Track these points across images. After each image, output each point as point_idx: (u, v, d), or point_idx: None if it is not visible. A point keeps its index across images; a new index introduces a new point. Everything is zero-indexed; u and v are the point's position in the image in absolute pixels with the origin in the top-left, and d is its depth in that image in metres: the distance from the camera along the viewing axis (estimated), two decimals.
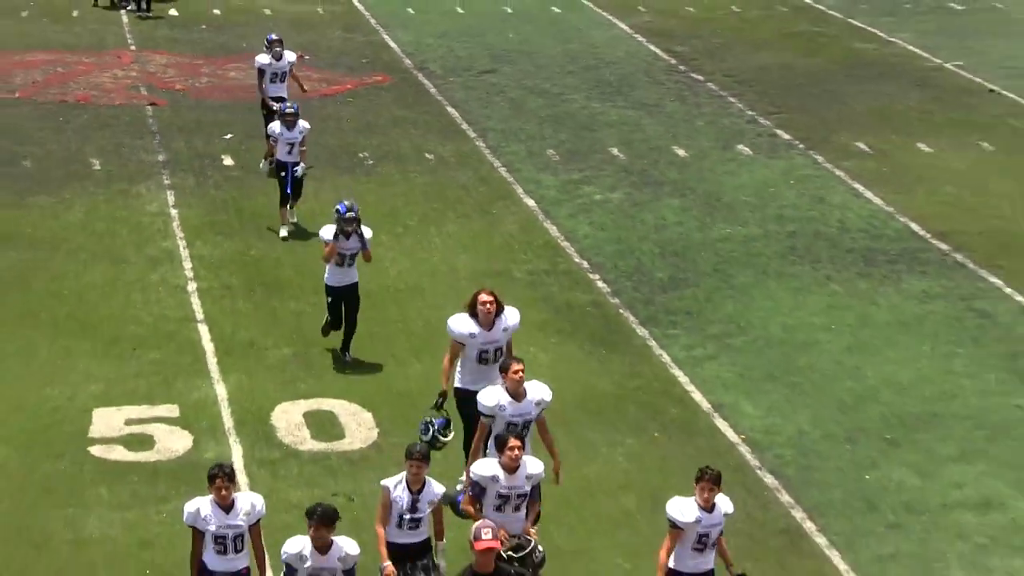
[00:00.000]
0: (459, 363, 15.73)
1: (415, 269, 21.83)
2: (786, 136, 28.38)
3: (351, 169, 25.84)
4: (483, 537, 11.64)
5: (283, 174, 22.59)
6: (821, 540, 15.67)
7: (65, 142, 27.41)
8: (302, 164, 22.91)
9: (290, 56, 25.59)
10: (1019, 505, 16.42)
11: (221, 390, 18.55)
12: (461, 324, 15.50)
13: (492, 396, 14.41)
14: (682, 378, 19.13)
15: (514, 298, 21.01)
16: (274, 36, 25.84)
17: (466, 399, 15.37)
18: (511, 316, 15.78)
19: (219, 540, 12.37)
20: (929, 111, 30.03)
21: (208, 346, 19.70)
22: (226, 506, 12.32)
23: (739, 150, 27.65)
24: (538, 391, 14.57)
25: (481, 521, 12.23)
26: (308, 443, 17.43)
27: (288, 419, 17.93)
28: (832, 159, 27.13)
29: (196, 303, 20.95)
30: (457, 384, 15.72)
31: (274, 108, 23.95)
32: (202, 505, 12.41)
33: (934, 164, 27.06)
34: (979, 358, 19.76)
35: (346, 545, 12.11)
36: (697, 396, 18.69)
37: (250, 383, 18.73)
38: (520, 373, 14.34)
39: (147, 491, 16.34)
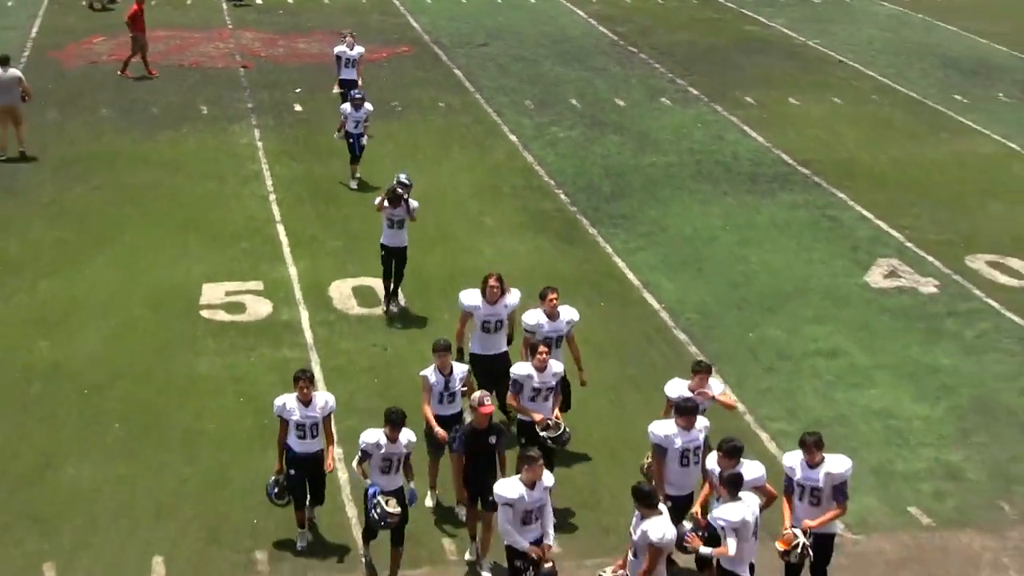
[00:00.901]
0: (473, 334, 14.00)
1: (432, 185, 21.54)
2: (695, 92, 28.01)
3: (386, 115, 25.37)
4: (485, 403, 11.76)
5: (351, 141, 21.32)
6: (719, 379, 15.60)
7: (182, 94, 27.01)
8: (367, 136, 21.69)
9: (360, 48, 24.60)
10: (855, 354, 16.51)
11: (293, 271, 18.47)
12: (469, 298, 13.97)
13: (534, 316, 13.56)
14: (620, 264, 19.02)
15: (501, 207, 21.02)
16: (348, 33, 24.99)
17: (478, 362, 13.86)
18: (512, 297, 14.09)
19: (300, 427, 12.04)
20: (796, 75, 29.67)
21: (283, 239, 19.57)
22: (306, 401, 12.00)
23: (662, 101, 27.30)
24: (568, 313, 13.75)
25: (481, 392, 12.11)
26: (355, 309, 17.35)
27: (340, 292, 17.83)
28: (727, 109, 26.82)
29: (275, 209, 20.77)
30: (472, 350, 14.00)
31: (339, 91, 23.60)
32: (287, 400, 12.09)
33: (800, 113, 26.80)
34: (829, 251, 19.69)
35: (410, 435, 11.74)
36: (631, 276, 18.60)
37: (313, 266, 18.62)
38: (554, 300, 13.56)
39: (240, 342, 16.36)
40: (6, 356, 15.82)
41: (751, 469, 11.11)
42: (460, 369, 12.82)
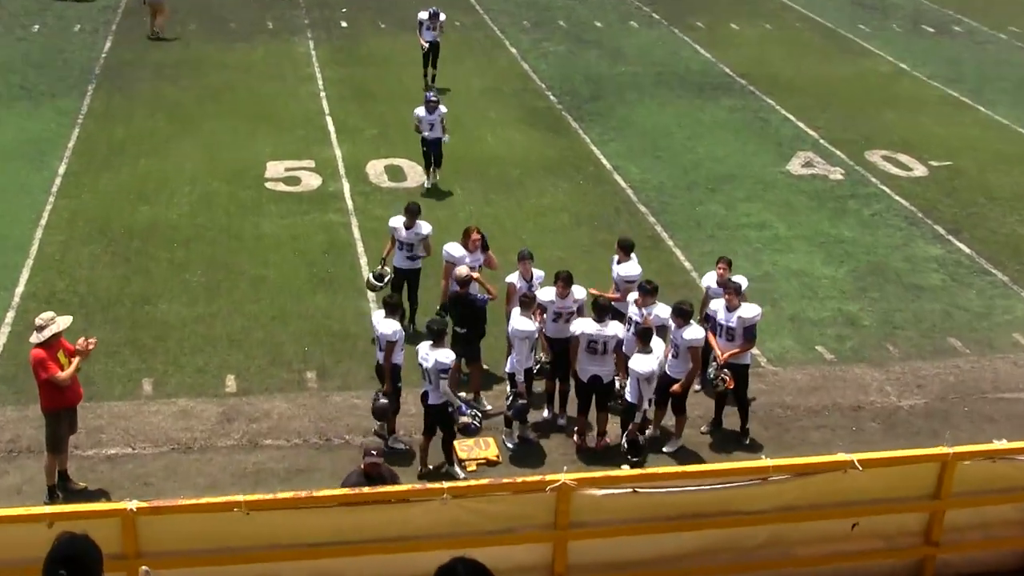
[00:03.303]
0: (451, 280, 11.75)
1: (452, 85, 20.53)
2: (657, 17, 26.59)
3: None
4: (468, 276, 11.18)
5: (425, 149, 16.05)
6: (671, 243, 14.98)
7: (254, 14, 25.60)
8: (447, 136, 16.13)
9: (442, 17, 20.35)
10: (778, 226, 15.73)
11: (338, 152, 17.54)
12: (455, 249, 11.88)
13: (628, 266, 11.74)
14: (596, 151, 18.09)
15: (503, 105, 20.03)
16: (435, 9, 20.43)
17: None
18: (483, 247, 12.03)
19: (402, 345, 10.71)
20: (736, 6, 28.07)
21: (331, 128, 18.57)
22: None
23: (631, 24, 25.94)
24: (629, 268, 11.76)
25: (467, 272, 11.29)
26: (386, 183, 16.50)
27: (375, 169, 16.95)
28: (682, 30, 25.46)
29: (325, 104, 19.70)
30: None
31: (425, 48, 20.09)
32: (395, 325, 10.54)
33: (739, 36, 25.47)
34: (760, 145, 18.73)
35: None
36: (604, 161, 17.70)
37: (353, 148, 17.69)
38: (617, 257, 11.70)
39: (296, 208, 15.57)
40: (114, 218, 15.09)
41: (695, 330, 10.60)
42: (539, 274, 11.57)
